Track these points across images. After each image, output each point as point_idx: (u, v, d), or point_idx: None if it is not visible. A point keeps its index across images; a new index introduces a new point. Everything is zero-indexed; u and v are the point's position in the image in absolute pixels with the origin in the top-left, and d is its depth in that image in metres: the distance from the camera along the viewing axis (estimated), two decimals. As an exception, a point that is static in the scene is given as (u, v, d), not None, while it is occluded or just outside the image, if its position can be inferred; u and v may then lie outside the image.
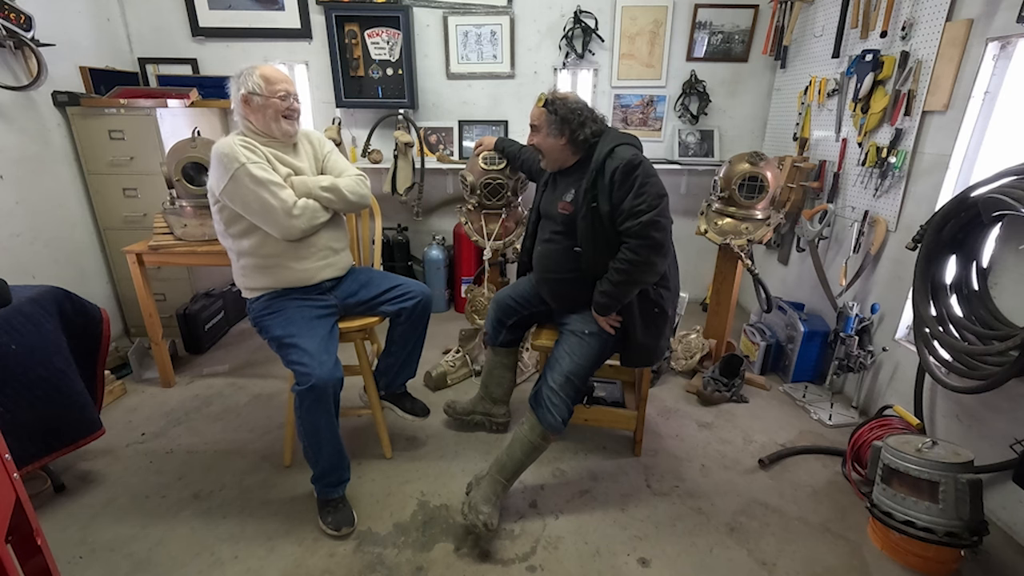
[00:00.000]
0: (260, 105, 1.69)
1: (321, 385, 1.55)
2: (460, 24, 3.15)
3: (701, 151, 3.33)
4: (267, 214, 1.64)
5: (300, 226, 1.69)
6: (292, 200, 1.68)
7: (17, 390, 1.58)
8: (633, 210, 1.58)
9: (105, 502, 1.81)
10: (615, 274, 1.65)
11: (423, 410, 2.11)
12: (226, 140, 1.66)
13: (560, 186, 1.82)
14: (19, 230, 2.45)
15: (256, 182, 1.61)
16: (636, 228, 1.58)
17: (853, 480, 1.91)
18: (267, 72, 1.70)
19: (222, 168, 1.61)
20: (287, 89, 1.72)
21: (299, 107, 1.77)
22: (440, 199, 3.55)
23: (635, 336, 1.75)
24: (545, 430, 1.69)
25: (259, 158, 1.66)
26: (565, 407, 1.70)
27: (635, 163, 1.60)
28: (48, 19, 2.52)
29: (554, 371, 1.72)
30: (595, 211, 1.65)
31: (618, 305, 1.70)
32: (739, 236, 2.37)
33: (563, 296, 1.85)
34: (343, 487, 1.75)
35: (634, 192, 1.58)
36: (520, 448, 1.72)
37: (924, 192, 2.07)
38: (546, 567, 1.59)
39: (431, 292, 1.99)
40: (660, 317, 1.78)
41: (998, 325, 1.66)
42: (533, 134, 1.79)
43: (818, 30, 2.74)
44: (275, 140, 1.75)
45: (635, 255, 1.60)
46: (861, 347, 2.28)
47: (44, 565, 1.09)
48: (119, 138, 2.66)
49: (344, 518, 1.70)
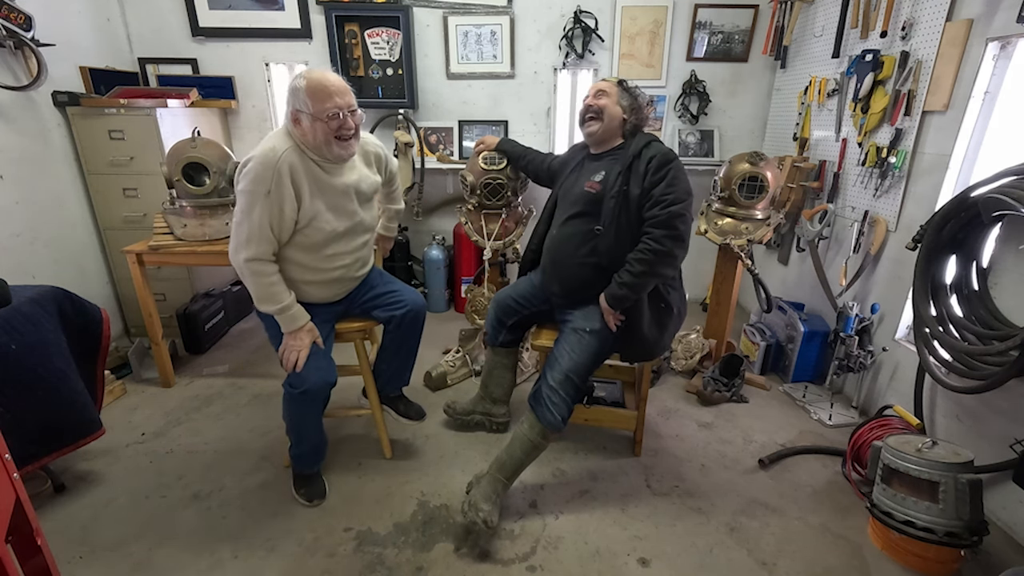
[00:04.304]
0: (309, 126, 1.53)
1: (314, 391, 1.61)
2: (460, 24, 3.14)
3: (701, 151, 3.33)
4: (233, 237, 1.57)
5: (240, 273, 1.60)
6: (250, 256, 1.55)
7: (17, 390, 1.58)
8: (662, 197, 1.65)
9: (105, 502, 1.81)
10: (636, 264, 1.67)
11: (418, 413, 2.09)
12: (272, 152, 1.51)
13: (588, 169, 1.88)
14: (19, 230, 2.45)
15: (244, 214, 1.52)
16: (663, 217, 1.64)
17: (853, 480, 1.91)
18: (315, 86, 1.50)
19: (246, 173, 1.52)
20: (338, 105, 1.51)
21: (356, 123, 1.59)
22: (440, 199, 3.55)
23: (640, 328, 1.76)
24: (545, 428, 1.69)
25: (287, 193, 1.52)
26: (565, 405, 1.70)
27: (671, 157, 1.71)
28: (48, 19, 2.52)
29: (554, 369, 1.72)
30: (625, 194, 1.72)
31: (635, 298, 1.71)
32: (739, 236, 2.37)
33: (572, 283, 1.84)
34: (318, 464, 1.86)
35: (667, 182, 1.67)
36: (520, 447, 1.73)
37: (924, 192, 2.07)
38: (546, 567, 1.59)
39: (424, 302, 1.94)
40: (666, 313, 1.80)
41: (998, 325, 1.66)
42: (600, 98, 1.82)
43: (818, 30, 2.74)
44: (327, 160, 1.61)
45: (659, 245, 1.64)
46: (861, 347, 2.28)
47: (44, 565, 1.09)
48: (119, 138, 2.66)
49: (316, 491, 1.81)
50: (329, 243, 1.68)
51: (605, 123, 1.82)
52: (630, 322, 1.76)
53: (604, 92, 1.83)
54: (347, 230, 1.71)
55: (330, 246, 1.69)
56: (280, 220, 1.56)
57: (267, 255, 1.58)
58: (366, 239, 1.83)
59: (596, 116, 1.83)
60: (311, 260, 1.69)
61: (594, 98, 1.84)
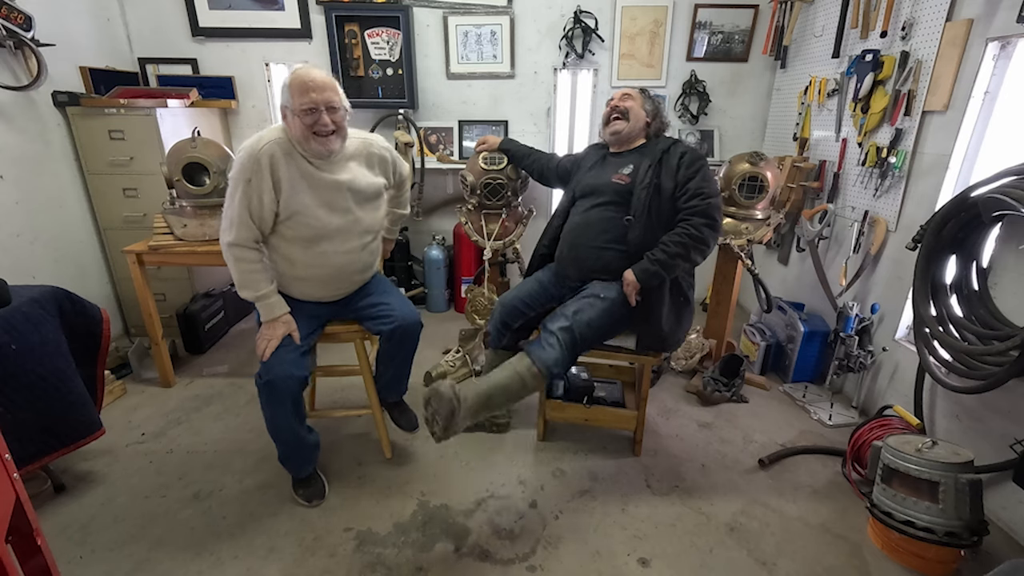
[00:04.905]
0: (291, 121, 1.55)
1: (276, 383, 1.58)
2: (460, 24, 3.14)
3: (701, 151, 3.33)
4: (222, 221, 1.63)
5: (224, 257, 1.65)
6: (231, 240, 1.60)
7: (17, 390, 1.58)
8: (700, 190, 1.76)
9: (105, 502, 1.81)
10: (672, 245, 1.73)
11: (411, 424, 2.05)
12: (258, 142, 1.56)
13: (612, 164, 1.98)
14: (19, 230, 2.45)
15: (229, 199, 1.59)
16: (703, 207, 1.74)
17: (853, 480, 1.91)
18: (295, 81, 1.52)
19: (234, 161, 1.59)
20: (313, 101, 1.50)
21: (335, 121, 1.56)
22: (440, 199, 3.55)
23: (659, 315, 1.79)
24: (532, 364, 1.66)
25: (266, 183, 1.55)
26: (558, 351, 1.66)
27: (701, 155, 1.85)
28: (48, 19, 2.52)
29: (556, 319, 1.72)
30: (657, 187, 1.81)
31: (663, 277, 1.75)
32: (739, 236, 2.37)
33: (591, 264, 1.87)
34: (308, 468, 1.82)
35: (701, 175, 1.79)
36: (506, 374, 1.67)
37: (924, 192, 2.07)
38: (546, 567, 1.59)
39: (417, 317, 1.85)
40: (685, 306, 1.86)
41: (998, 325, 1.66)
42: (626, 100, 1.95)
43: (818, 30, 2.74)
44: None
45: (697, 232, 1.73)
46: (861, 347, 2.28)
47: (44, 565, 1.09)
48: (119, 138, 2.66)
49: (315, 492, 1.80)
50: (320, 240, 1.68)
51: (631, 123, 1.94)
52: (650, 307, 1.78)
53: (629, 96, 1.96)
54: (340, 228, 1.70)
55: (321, 243, 1.68)
56: (260, 209, 1.58)
57: (248, 241, 1.61)
58: (366, 242, 1.79)
59: (622, 116, 1.95)
60: (302, 255, 1.68)
61: (620, 100, 1.96)
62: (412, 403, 2.11)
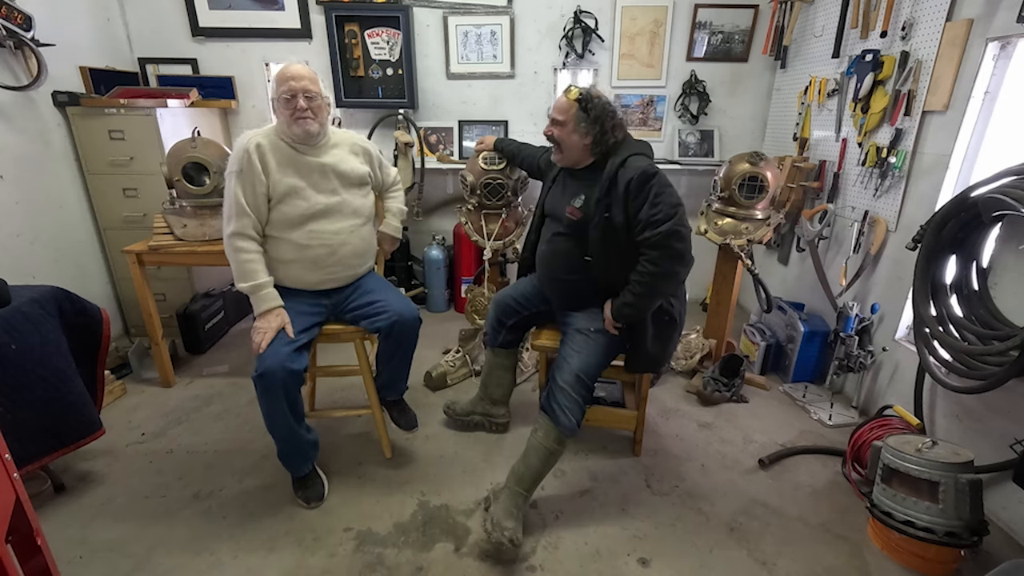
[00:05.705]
0: (278, 109, 1.71)
1: (269, 375, 1.59)
2: (460, 24, 3.14)
3: (701, 151, 3.34)
4: (224, 216, 1.75)
5: (226, 250, 1.74)
6: (232, 230, 1.71)
7: (17, 390, 1.58)
8: (651, 220, 1.57)
9: (105, 502, 1.81)
10: (637, 287, 1.62)
11: (409, 424, 2.04)
12: (246, 137, 1.71)
13: (569, 188, 1.80)
14: (19, 230, 2.45)
15: (228, 192, 1.71)
16: (656, 239, 1.56)
17: (853, 480, 1.91)
18: (280, 73, 1.70)
19: (229, 159, 1.73)
20: (292, 88, 1.66)
21: (311, 106, 1.70)
22: (440, 199, 3.55)
23: (644, 342, 1.74)
24: (560, 434, 1.65)
25: (255, 170, 1.68)
26: (578, 407, 1.66)
27: (650, 173, 1.59)
28: (48, 19, 2.52)
29: (563, 371, 1.67)
30: (608, 222, 1.64)
31: (643, 316, 1.69)
32: (739, 236, 2.37)
33: (570, 296, 1.85)
34: (307, 466, 1.83)
35: (650, 202, 1.57)
36: (536, 456, 1.68)
37: (924, 192, 2.07)
38: (546, 567, 1.59)
39: (414, 312, 1.87)
40: (670, 325, 1.78)
41: (998, 325, 1.66)
42: (555, 127, 1.71)
43: (818, 30, 2.74)
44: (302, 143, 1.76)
45: (656, 267, 1.59)
46: (861, 347, 2.28)
47: (44, 565, 1.09)
48: (119, 138, 2.66)
49: (314, 493, 1.81)
50: (308, 220, 1.76)
51: (567, 154, 1.75)
52: (634, 335, 1.75)
53: (559, 122, 1.70)
54: (329, 207, 1.78)
55: (310, 223, 1.77)
56: (254, 194, 1.70)
57: (248, 230, 1.71)
58: (355, 223, 1.85)
59: (557, 145, 1.76)
60: (293, 236, 1.76)
61: (551, 125, 1.73)
62: (412, 402, 2.10)
